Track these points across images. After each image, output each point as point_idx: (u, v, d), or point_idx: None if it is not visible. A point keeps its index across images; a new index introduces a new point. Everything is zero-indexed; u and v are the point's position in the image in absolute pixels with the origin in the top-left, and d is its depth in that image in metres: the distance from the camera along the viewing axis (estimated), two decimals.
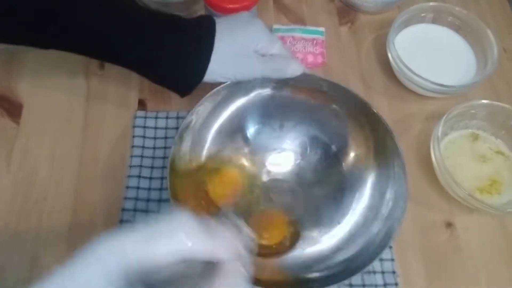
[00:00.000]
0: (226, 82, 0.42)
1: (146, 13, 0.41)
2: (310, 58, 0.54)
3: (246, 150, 0.46)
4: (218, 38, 0.40)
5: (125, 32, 0.39)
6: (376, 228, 0.41)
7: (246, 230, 0.29)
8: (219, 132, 0.45)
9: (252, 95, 0.45)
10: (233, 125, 0.46)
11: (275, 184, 0.46)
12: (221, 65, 0.40)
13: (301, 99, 0.46)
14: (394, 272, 0.43)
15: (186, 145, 0.42)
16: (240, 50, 0.41)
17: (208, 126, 0.44)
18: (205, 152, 0.44)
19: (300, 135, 0.47)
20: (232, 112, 0.45)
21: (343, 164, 0.46)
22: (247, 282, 0.25)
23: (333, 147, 0.46)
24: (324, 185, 0.45)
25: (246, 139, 0.47)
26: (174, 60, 0.40)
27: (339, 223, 0.43)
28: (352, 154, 0.46)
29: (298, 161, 0.47)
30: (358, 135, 0.45)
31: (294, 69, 0.42)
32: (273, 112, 0.46)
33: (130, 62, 0.41)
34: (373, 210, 0.43)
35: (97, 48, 0.40)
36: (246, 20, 0.42)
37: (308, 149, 0.47)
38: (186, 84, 0.42)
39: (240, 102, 0.45)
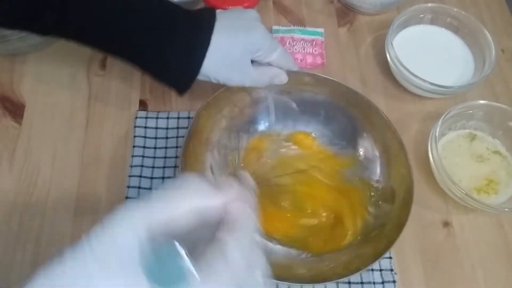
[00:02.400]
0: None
1: (146, 2, 0.39)
2: (309, 59, 0.55)
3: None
4: (217, 37, 0.38)
5: (122, 22, 0.38)
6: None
7: (250, 179, 0.31)
8: (228, 128, 0.46)
9: (264, 93, 0.46)
10: (243, 121, 0.47)
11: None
12: (214, 65, 0.39)
13: (312, 98, 0.47)
14: (392, 270, 0.43)
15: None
16: (237, 55, 0.40)
17: (216, 122, 0.45)
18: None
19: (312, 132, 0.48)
20: (244, 109, 0.46)
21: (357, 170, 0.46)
22: (256, 226, 0.26)
23: (343, 146, 0.47)
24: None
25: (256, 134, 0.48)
26: (168, 54, 0.39)
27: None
28: (360, 156, 0.47)
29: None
30: (367, 139, 0.46)
31: (281, 80, 0.44)
32: (285, 110, 0.47)
33: (127, 54, 0.40)
34: (379, 210, 0.44)
35: (94, 38, 0.40)
36: (249, 24, 0.40)
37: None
38: (181, 80, 0.41)
39: (252, 99, 0.46)
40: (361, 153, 0.47)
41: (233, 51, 0.39)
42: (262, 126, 0.48)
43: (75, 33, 0.39)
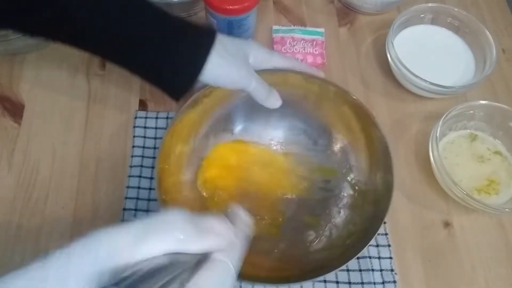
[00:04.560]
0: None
1: (147, 9, 0.39)
2: (309, 59, 0.55)
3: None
4: (218, 41, 0.39)
5: (120, 26, 0.38)
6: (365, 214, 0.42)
7: (244, 216, 0.29)
8: (206, 131, 0.45)
9: (236, 93, 0.45)
10: (219, 124, 0.46)
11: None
12: (216, 67, 0.39)
13: (284, 93, 0.45)
14: (392, 270, 0.43)
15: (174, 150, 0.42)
16: (237, 56, 0.40)
17: (194, 127, 0.44)
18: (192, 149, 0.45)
19: (285, 128, 0.48)
20: (217, 111, 0.45)
21: (328, 153, 0.46)
22: (234, 277, 0.26)
23: (318, 138, 0.47)
24: (311, 174, 0.47)
25: (232, 135, 0.47)
26: (169, 58, 0.39)
27: (329, 211, 0.44)
28: (336, 144, 0.46)
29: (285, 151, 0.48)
30: (341, 125, 0.46)
31: (272, 103, 0.44)
32: (258, 108, 0.46)
33: (122, 59, 0.40)
34: (361, 195, 0.44)
35: (90, 41, 0.39)
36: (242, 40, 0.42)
37: (294, 140, 0.48)
38: (181, 83, 0.40)
39: (224, 101, 0.45)
40: (339, 150, 0.46)
41: (233, 53, 0.40)
42: (238, 128, 0.47)
43: (71, 29, 0.38)
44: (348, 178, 0.45)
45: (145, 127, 0.49)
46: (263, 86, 0.42)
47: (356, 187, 0.45)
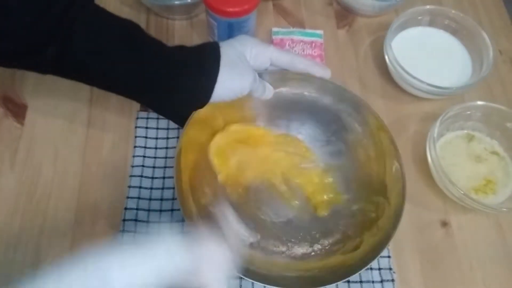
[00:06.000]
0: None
1: (148, 45, 0.40)
2: None
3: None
4: (222, 62, 0.39)
5: (124, 59, 0.38)
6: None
7: (236, 226, 0.31)
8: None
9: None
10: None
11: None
12: (222, 88, 0.39)
13: (306, 99, 0.47)
14: (390, 269, 0.44)
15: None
16: (238, 63, 0.40)
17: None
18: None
19: (306, 133, 0.48)
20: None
21: (347, 164, 0.47)
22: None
23: (337, 146, 0.47)
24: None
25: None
26: (175, 93, 0.40)
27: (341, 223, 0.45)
28: (355, 154, 0.47)
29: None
30: (360, 137, 0.46)
31: (267, 95, 0.45)
32: (279, 111, 0.47)
33: (128, 90, 0.41)
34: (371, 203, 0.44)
35: (95, 75, 0.39)
36: (239, 38, 0.43)
37: (313, 146, 0.48)
38: (187, 113, 0.41)
39: (246, 101, 0.45)
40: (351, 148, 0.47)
41: (237, 60, 0.40)
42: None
43: (73, 70, 0.39)
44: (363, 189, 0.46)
45: (146, 128, 0.49)
46: (260, 84, 0.43)
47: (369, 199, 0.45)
